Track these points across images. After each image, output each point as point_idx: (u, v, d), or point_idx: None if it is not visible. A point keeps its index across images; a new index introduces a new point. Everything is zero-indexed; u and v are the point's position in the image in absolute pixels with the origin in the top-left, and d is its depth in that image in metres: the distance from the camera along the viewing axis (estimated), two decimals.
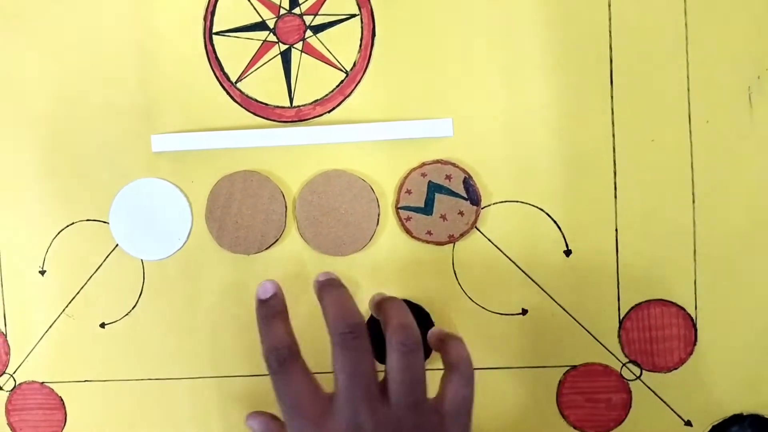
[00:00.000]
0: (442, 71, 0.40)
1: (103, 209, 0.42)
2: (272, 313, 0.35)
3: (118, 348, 0.42)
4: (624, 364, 0.40)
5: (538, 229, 0.40)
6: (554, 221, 0.40)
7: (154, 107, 0.42)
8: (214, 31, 0.41)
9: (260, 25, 0.41)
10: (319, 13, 0.41)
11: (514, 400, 0.41)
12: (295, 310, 0.36)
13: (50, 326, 0.43)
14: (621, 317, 0.40)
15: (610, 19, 0.40)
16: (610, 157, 0.40)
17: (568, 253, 0.40)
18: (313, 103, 0.41)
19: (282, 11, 0.41)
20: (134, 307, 0.42)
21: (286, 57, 0.41)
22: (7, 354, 0.43)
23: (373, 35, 0.41)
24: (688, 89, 0.40)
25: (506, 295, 0.41)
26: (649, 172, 0.40)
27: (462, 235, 0.40)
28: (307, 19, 0.41)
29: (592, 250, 0.40)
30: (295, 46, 0.41)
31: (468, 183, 0.40)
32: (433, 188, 0.40)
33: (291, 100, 0.41)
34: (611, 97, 0.40)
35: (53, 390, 0.43)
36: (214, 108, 0.41)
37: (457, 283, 0.41)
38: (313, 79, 0.41)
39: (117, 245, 0.42)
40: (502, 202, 0.40)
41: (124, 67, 0.42)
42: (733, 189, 0.40)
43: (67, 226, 0.42)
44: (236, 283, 0.42)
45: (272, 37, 0.41)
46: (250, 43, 0.41)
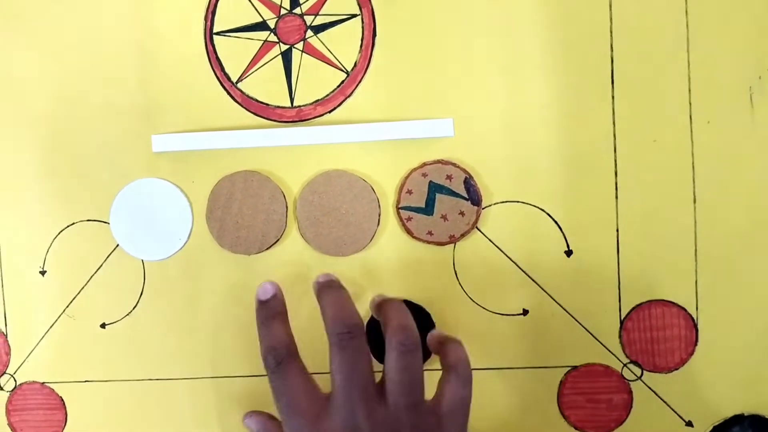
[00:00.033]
0: (443, 71, 0.40)
1: (104, 209, 0.42)
2: (272, 314, 0.35)
3: (119, 348, 0.42)
4: (625, 365, 0.40)
5: (539, 229, 0.40)
6: (555, 221, 0.40)
7: (154, 107, 0.42)
8: (215, 31, 0.41)
9: (261, 25, 0.41)
10: (320, 13, 0.41)
11: (515, 401, 0.41)
12: (296, 310, 0.36)
13: (51, 326, 0.43)
14: (622, 317, 0.40)
15: (611, 19, 0.40)
16: (611, 158, 0.40)
17: (568, 253, 0.40)
18: (314, 103, 0.41)
19: (283, 11, 0.41)
20: (135, 307, 0.42)
21: (286, 57, 0.41)
22: (8, 354, 0.43)
23: (374, 35, 0.41)
24: (689, 89, 0.39)
25: (507, 296, 0.40)
26: (650, 172, 0.40)
27: (463, 236, 0.40)
28: (308, 19, 0.41)
29: (593, 251, 0.40)
30: (295, 46, 0.41)
31: (469, 183, 0.40)
32: (434, 188, 0.40)
33: (292, 100, 0.41)
34: (612, 97, 0.40)
35: (54, 390, 0.43)
36: (214, 108, 0.41)
37: (458, 283, 0.41)
38: (314, 79, 0.41)
39: (117, 245, 0.42)
40: (503, 203, 0.40)
41: (125, 67, 0.42)
42: (735, 189, 0.39)
43: (68, 226, 0.42)
44: (237, 284, 0.42)
45: (273, 37, 0.41)
46: (251, 43, 0.41)
